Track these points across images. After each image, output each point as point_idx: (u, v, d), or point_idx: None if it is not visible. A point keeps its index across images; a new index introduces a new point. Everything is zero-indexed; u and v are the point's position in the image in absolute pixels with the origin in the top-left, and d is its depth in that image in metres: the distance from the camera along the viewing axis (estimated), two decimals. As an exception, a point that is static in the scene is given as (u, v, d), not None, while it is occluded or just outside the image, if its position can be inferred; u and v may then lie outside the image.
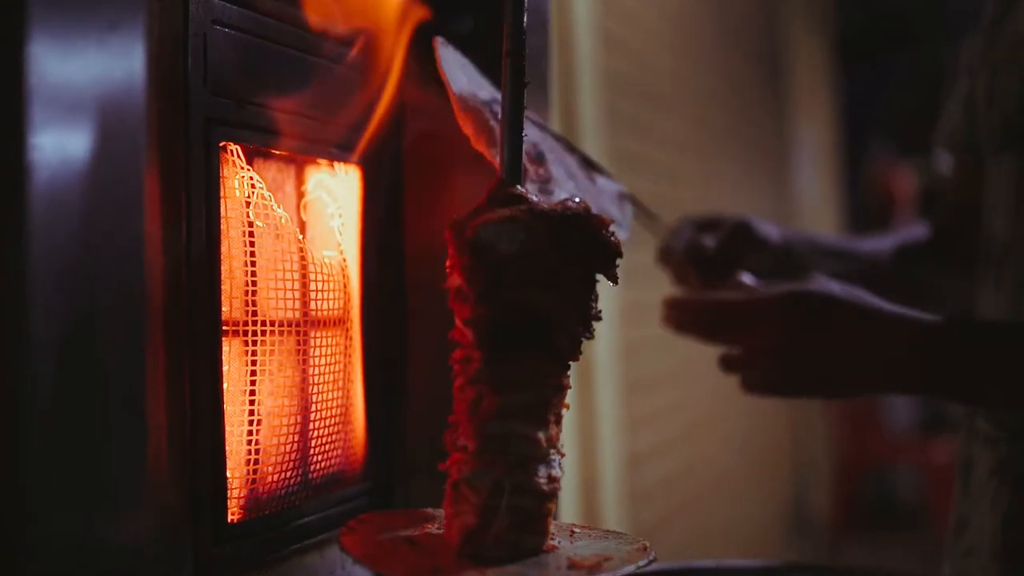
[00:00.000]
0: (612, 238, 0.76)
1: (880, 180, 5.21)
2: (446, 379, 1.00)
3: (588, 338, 0.77)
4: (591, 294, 0.76)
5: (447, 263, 0.78)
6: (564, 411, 0.78)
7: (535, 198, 0.76)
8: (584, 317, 0.76)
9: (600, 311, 0.77)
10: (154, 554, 0.73)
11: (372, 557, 0.72)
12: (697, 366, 2.38)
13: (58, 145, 0.61)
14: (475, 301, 0.74)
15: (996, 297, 1.15)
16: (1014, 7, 1.18)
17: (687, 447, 2.39)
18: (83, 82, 0.63)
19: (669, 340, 1.21)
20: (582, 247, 0.75)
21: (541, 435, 0.75)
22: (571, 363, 0.77)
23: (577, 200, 0.76)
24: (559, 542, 0.78)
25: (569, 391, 0.78)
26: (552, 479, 0.76)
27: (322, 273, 0.91)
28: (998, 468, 1.14)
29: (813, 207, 4.53)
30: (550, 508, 0.76)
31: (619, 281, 0.77)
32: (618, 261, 0.77)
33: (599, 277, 0.77)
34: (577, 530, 0.83)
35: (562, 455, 0.78)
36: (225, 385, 0.81)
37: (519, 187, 0.78)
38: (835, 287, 1.01)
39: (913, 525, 4.57)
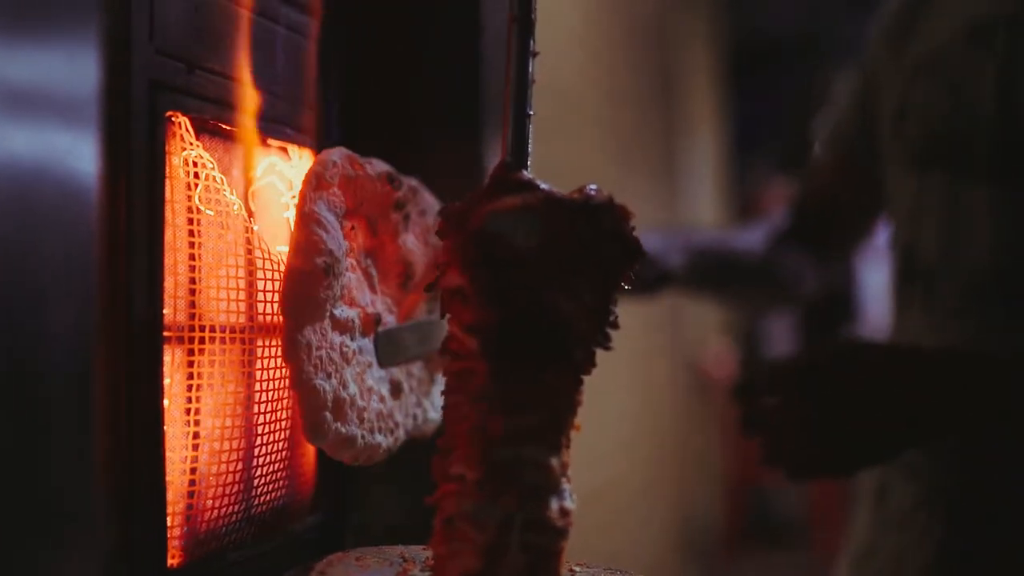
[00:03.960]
0: (635, 234, 0.66)
1: (756, 194, 5.27)
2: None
3: (606, 348, 0.66)
4: (610, 297, 0.66)
5: (440, 259, 0.67)
6: (573, 432, 0.67)
7: (546, 185, 0.66)
8: (601, 324, 0.66)
9: (618, 317, 0.67)
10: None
11: (362, 610, 0.60)
12: (607, 386, 2.31)
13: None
14: (481, 304, 0.63)
15: (927, 318, 1.10)
16: (926, 16, 1.13)
17: (599, 469, 2.31)
18: (21, 39, 0.51)
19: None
20: (602, 243, 0.65)
21: (554, 461, 0.65)
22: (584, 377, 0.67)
23: (595, 187, 0.66)
24: (565, 584, 0.68)
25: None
26: (564, 512, 0.65)
27: (273, 271, 0.78)
28: (926, 499, 1.09)
29: (702, 218, 4.54)
30: (563, 546, 0.65)
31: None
32: (636, 261, 0.67)
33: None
34: (577, 568, 0.72)
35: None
36: (166, 402, 0.68)
37: (527, 172, 0.67)
38: (862, 341, 0.93)
39: (797, 543, 4.60)
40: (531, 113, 0.68)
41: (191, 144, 0.70)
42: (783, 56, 5.62)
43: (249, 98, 0.75)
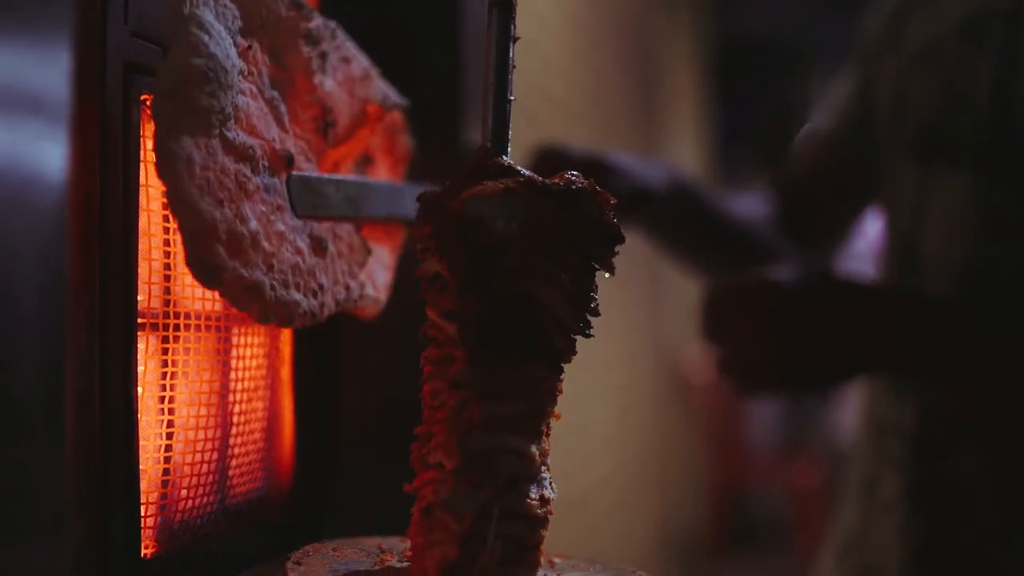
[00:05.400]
0: (615, 221, 0.65)
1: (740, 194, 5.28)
2: (388, 388, 0.88)
3: (586, 335, 0.66)
4: (590, 285, 0.65)
5: (419, 245, 0.66)
6: (553, 421, 0.67)
7: (526, 172, 0.65)
8: (582, 312, 0.65)
9: (598, 305, 0.66)
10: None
11: (338, 599, 0.59)
12: (588, 390, 2.31)
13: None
14: (460, 291, 0.62)
15: None
16: (923, 8, 1.13)
17: (581, 474, 2.30)
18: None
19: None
20: (583, 230, 0.64)
21: (534, 449, 0.64)
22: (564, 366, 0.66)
23: (575, 174, 0.65)
24: (544, 574, 0.67)
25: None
26: (545, 501, 0.64)
27: (250, 260, 0.77)
28: (910, 491, 1.10)
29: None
30: (542, 536, 0.65)
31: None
32: (618, 248, 0.66)
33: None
34: (557, 560, 0.71)
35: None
36: (140, 390, 0.67)
37: (507, 158, 0.66)
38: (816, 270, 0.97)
39: (778, 547, 4.60)
40: (512, 98, 0.67)
41: (167, 128, 0.69)
42: (766, 58, 5.64)
43: (226, 83, 0.74)
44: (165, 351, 0.69)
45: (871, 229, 1.42)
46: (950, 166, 1.07)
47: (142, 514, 0.67)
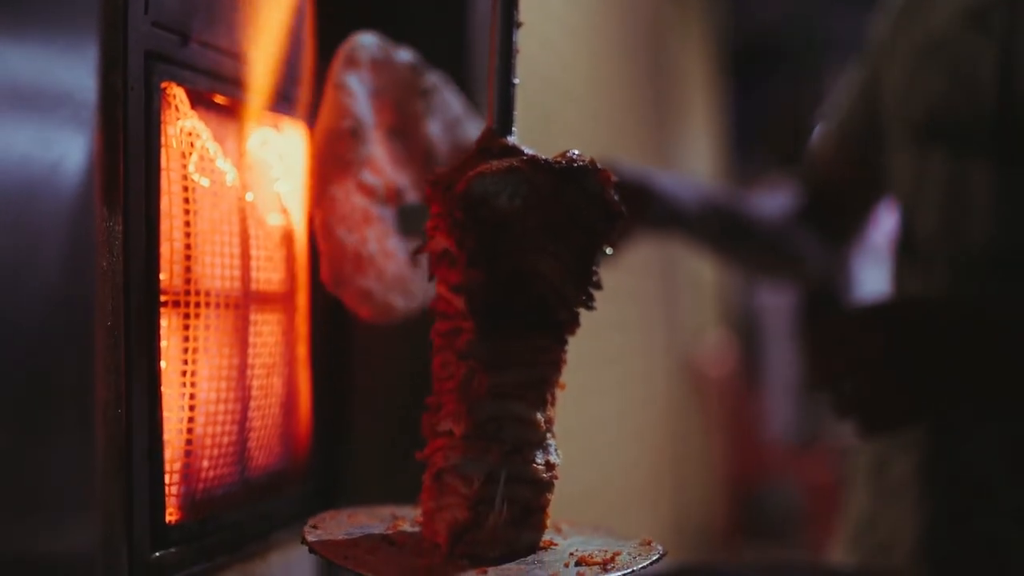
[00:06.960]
0: (617, 198, 0.68)
1: (752, 189, 5.28)
2: (399, 362, 0.91)
3: (589, 308, 0.69)
4: (593, 259, 0.68)
5: (428, 223, 0.69)
6: (559, 391, 0.70)
7: (530, 150, 0.68)
8: (584, 285, 0.68)
9: (601, 279, 0.69)
10: (84, 563, 0.61)
11: (355, 560, 0.62)
12: (602, 384, 2.33)
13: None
14: (467, 265, 0.65)
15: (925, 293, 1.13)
16: (926, 1, 1.16)
17: (594, 467, 2.33)
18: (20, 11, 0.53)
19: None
20: (585, 206, 0.67)
21: (539, 417, 0.67)
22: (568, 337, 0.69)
23: (578, 152, 0.68)
24: (551, 537, 0.70)
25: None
26: (550, 466, 0.67)
27: (267, 241, 0.80)
28: (923, 467, 1.12)
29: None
30: (548, 499, 0.67)
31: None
32: (618, 225, 0.69)
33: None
34: (564, 526, 0.74)
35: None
36: (163, 364, 0.70)
37: (511, 139, 0.69)
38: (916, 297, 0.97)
39: (792, 542, 4.61)
40: (516, 81, 0.70)
41: (186, 114, 0.72)
42: (779, 52, 5.64)
43: (243, 71, 0.77)
44: (186, 327, 0.72)
45: (887, 221, 1.43)
46: (955, 152, 1.09)
47: (166, 482, 0.70)
